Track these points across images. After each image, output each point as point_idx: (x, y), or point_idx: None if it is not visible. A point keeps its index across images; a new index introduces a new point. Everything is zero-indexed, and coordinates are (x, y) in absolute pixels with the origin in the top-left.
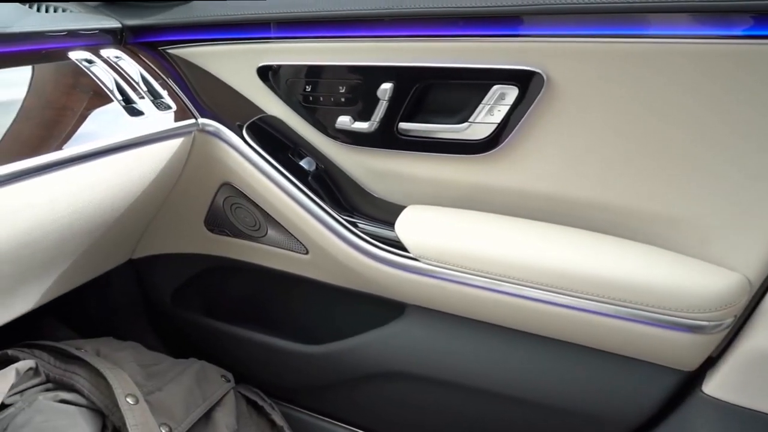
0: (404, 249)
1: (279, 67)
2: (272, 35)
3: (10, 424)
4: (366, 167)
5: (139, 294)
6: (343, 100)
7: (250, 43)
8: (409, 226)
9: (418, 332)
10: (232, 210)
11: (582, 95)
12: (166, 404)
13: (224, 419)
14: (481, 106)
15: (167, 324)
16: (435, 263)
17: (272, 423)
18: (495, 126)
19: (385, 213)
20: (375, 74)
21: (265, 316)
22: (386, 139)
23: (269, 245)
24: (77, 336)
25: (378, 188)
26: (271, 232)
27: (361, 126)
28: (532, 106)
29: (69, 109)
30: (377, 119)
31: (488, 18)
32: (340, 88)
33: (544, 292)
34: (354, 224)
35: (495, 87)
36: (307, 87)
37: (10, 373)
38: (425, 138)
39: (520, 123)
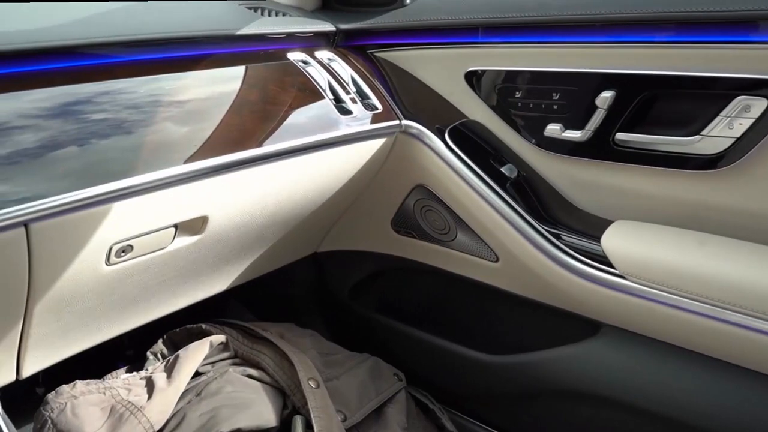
0: (609, 265)
1: (487, 72)
2: (481, 40)
3: (204, 389)
4: (571, 178)
5: (318, 286)
6: (555, 107)
7: (459, 47)
8: (617, 240)
9: (615, 355)
10: (422, 212)
11: None
12: (341, 393)
13: (395, 416)
14: (718, 118)
15: (342, 318)
16: (644, 282)
17: (441, 427)
18: (733, 140)
19: (589, 226)
20: (594, 81)
21: (443, 319)
22: (600, 149)
23: (457, 250)
24: (257, 320)
25: (582, 200)
26: (461, 237)
27: (573, 135)
28: None
29: (287, 105)
30: (592, 128)
31: (733, 23)
32: (554, 95)
33: None
34: (556, 235)
35: (739, 98)
36: (516, 93)
37: (205, 345)
38: (645, 150)
39: (765, 138)
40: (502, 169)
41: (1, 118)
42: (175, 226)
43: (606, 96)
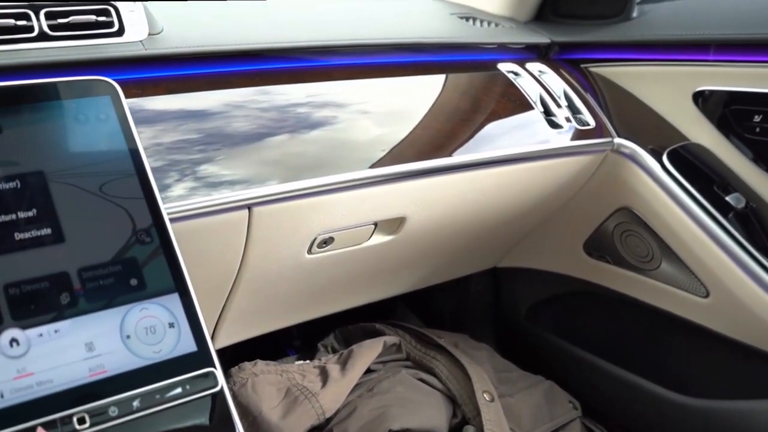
0: None
1: (720, 92)
2: (713, 58)
3: (376, 386)
4: None
5: (493, 302)
6: None
7: (687, 65)
8: None
9: None
10: (621, 237)
11: None
12: (515, 411)
13: None
14: None
15: (516, 337)
16: None
17: None
18: None
19: None
20: None
21: (630, 351)
22: None
23: (658, 281)
24: (424, 326)
25: None
26: (666, 267)
27: None
28: None
29: (496, 115)
30: None
31: None
32: None
33: None
34: None
35: None
36: (755, 117)
37: (378, 344)
38: None
39: None
40: (726, 198)
41: (227, 109)
42: (375, 223)
43: None
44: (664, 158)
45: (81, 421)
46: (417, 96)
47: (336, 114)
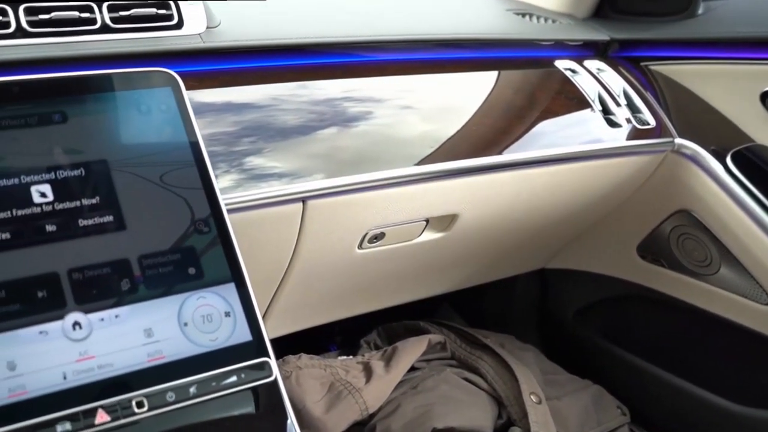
0: None
1: None
2: None
3: (420, 383)
4: None
5: (539, 303)
6: None
7: (754, 64)
8: None
9: None
10: (678, 240)
11: None
12: (562, 414)
13: None
14: None
15: (562, 339)
16: None
17: None
18: None
19: None
20: None
21: (682, 358)
22: None
23: (716, 286)
24: (468, 326)
25: None
26: (725, 272)
27: None
28: None
29: (552, 113)
30: None
31: None
32: None
33: None
34: None
35: None
36: None
37: (423, 342)
38: None
39: None
40: None
41: (280, 103)
42: (427, 220)
43: None
44: (728, 160)
45: (139, 405)
46: (471, 92)
47: (388, 110)
